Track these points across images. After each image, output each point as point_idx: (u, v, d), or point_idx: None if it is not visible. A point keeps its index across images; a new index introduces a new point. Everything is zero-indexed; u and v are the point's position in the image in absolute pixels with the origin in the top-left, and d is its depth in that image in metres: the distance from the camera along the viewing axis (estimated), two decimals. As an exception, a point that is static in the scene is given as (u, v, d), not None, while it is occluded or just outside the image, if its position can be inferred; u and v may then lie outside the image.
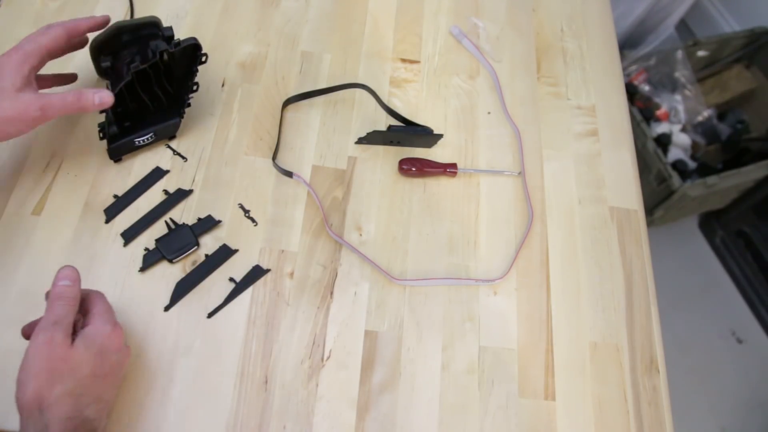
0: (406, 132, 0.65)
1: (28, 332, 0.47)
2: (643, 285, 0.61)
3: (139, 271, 0.56)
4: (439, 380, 0.54)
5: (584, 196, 0.66)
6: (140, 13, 0.71)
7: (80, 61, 0.67)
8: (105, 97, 0.52)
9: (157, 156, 0.63)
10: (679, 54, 1.46)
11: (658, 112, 1.47)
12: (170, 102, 0.61)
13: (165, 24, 0.58)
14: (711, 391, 1.40)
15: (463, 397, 0.54)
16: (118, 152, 0.61)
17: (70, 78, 0.61)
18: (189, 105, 0.62)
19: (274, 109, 0.67)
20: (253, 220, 0.60)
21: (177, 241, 0.57)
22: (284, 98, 0.67)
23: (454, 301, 0.58)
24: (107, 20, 0.58)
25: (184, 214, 0.60)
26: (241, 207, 0.60)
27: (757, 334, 1.48)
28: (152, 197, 0.60)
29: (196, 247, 0.57)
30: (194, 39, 0.56)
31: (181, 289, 0.55)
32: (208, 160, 0.63)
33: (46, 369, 0.42)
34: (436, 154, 0.66)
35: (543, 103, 0.72)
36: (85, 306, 0.47)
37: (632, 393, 0.56)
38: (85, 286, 0.54)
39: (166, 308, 0.55)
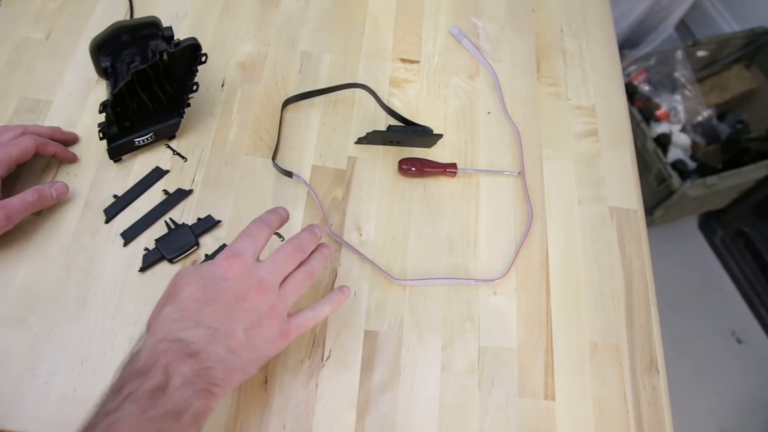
0: (406, 132, 0.65)
1: None
2: (643, 285, 0.61)
3: (139, 271, 0.56)
4: (439, 380, 0.54)
5: (584, 196, 0.66)
6: (140, 13, 0.71)
7: (80, 61, 0.67)
8: (60, 188, 0.56)
9: (157, 156, 0.63)
10: (679, 54, 1.46)
11: (658, 112, 1.47)
12: (170, 102, 0.61)
13: (165, 24, 0.58)
14: (711, 391, 1.40)
15: (463, 397, 0.54)
16: (117, 152, 0.61)
17: (71, 139, 0.62)
18: (189, 105, 0.62)
19: (274, 109, 0.67)
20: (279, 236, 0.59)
21: (177, 241, 0.57)
22: (284, 98, 0.67)
23: (454, 301, 0.58)
24: (75, 138, 0.62)
25: (184, 214, 0.60)
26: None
27: (757, 334, 1.48)
28: (152, 197, 0.60)
29: (196, 247, 0.57)
30: (194, 39, 0.56)
31: (181, 289, 0.55)
32: (207, 160, 0.63)
33: (166, 292, 0.45)
34: (436, 154, 0.66)
35: (543, 103, 0.72)
36: None
37: (632, 393, 0.56)
38: (84, 286, 0.55)
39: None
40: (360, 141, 0.66)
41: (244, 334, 0.43)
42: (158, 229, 0.58)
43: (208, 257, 0.57)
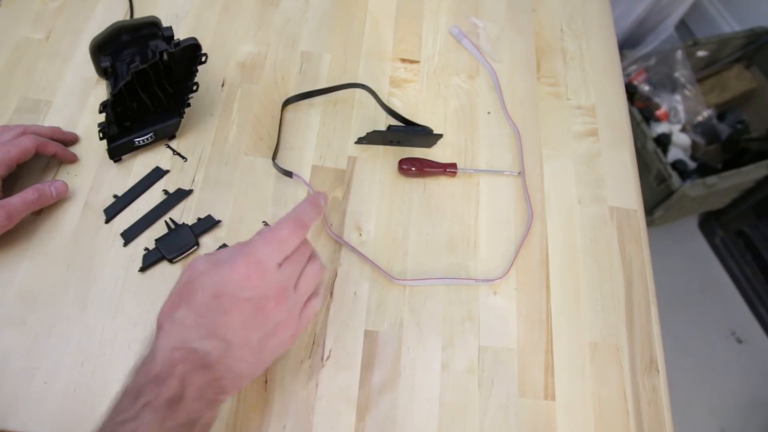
0: (406, 132, 0.65)
1: None
2: (643, 285, 0.61)
3: (139, 271, 0.56)
4: (439, 380, 0.54)
5: (584, 196, 0.66)
6: (140, 13, 0.71)
7: (80, 61, 0.67)
8: (60, 186, 0.57)
9: (157, 156, 0.63)
10: (679, 54, 1.46)
11: (658, 112, 1.47)
12: (170, 102, 0.61)
13: (165, 24, 0.58)
14: (711, 391, 1.40)
15: (463, 397, 0.54)
16: (118, 152, 0.61)
17: (71, 139, 0.62)
18: (189, 105, 0.62)
19: (274, 109, 0.67)
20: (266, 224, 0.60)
21: (177, 241, 0.57)
22: (284, 98, 0.67)
23: (454, 301, 0.58)
24: (75, 138, 0.62)
25: (184, 214, 0.60)
26: (265, 223, 0.60)
27: (757, 334, 1.48)
28: (152, 197, 0.60)
29: (195, 246, 0.57)
30: (194, 39, 0.56)
31: (181, 289, 0.55)
32: (207, 160, 0.63)
33: (178, 290, 0.42)
34: (436, 154, 0.66)
35: (543, 103, 0.72)
36: None
37: (632, 393, 0.56)
38: (84, 286, 0.55)
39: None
40: (360, 141, 0.66)
41: (258, 343, 0.42)
42: (158, 229, 0.58)
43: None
